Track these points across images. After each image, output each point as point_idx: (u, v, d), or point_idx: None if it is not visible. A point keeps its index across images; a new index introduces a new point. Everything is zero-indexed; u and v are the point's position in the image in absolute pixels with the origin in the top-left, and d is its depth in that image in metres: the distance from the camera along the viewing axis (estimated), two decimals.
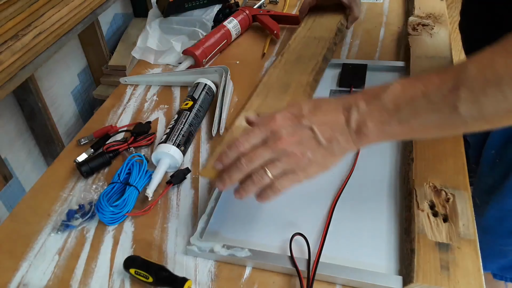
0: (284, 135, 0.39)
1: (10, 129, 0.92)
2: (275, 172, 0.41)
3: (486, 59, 0.33)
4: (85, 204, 0.57)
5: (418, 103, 0.35)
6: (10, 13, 0.76)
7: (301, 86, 0.61)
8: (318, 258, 0.46)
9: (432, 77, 0.35)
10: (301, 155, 0.39)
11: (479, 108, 0.33)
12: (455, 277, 0.42)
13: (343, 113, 0.39)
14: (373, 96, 0.37)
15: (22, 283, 0.50)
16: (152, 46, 0.88)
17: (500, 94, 0.32)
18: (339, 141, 0.39)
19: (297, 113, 0.40)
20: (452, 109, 0.34)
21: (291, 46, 0.73)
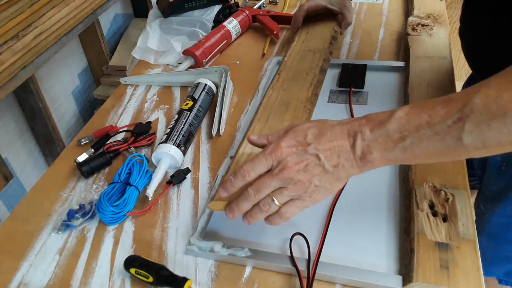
0: (290, 164, 0.40)
1: (11, 129, 0.92)
2: (282, 200, 0.41)
3: (492, 92, 0.33)
4: (86, 204, 0.58)
5: (423, 133, 0.35)
6: (11, 13, 0.76)
7: (301, 103, 0.61)
8: (318, 258, 0.46)
9: (437, 107, 0.35)
10: (308, 182, 0.40)
11: (482, 140, 0.34)
12: (454, 276, 0.42)
13: (348, 139, 0.39)
14: (378, 124, 0.38)
15: (23, 283, 0.50)
16: (152, 47, 0.88)
17: (504, 128, 0.33)
18: (345, 167, 0.39)
19: (302, 140, 0.40)
20: (456, 140, 0.34)
21: (287, 63, 0.73)
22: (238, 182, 0.42)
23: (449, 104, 0.35)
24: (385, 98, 0.70)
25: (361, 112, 0.67)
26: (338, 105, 0.70)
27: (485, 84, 0.34)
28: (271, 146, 0.41)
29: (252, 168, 0.41)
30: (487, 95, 0.33)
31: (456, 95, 0.36)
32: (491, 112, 0.33)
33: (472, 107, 0.33)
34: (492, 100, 0.33)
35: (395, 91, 0.71)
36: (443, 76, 0.67)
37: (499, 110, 0.32)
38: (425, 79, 0.67)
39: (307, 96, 0.63)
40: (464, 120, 0.34)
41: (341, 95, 0.72)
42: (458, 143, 0.34)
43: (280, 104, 0.63)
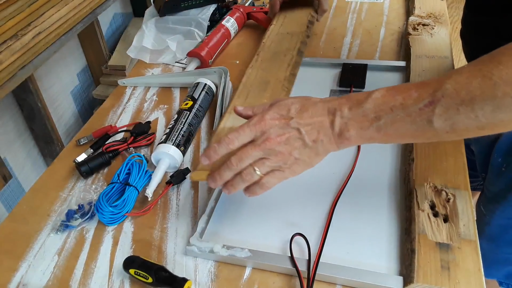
0: (273, 135, 0.42)
1: (10, 129, 0.92)
2: (263, 170, 0.43)
3: (463, 79, 0.35)
4: (85, 204, 0.57)
5: (396, 114, 0.38)
6: (10, 12, 0.76)
7: (279, 82, 0.63)
8: (318, 258, 0.46)
9: (411, 90, 0.38)
10: (288, 154, 0.42)
11: (451, 123, 0.36)
12: (455, 277, 0.42)
13: (328, 116, 0.41)
14: (356, 103, 0.40)
15: (22, 283, 0.50)
16: (147, 46, 0.88)
17: (471, 113, 0.35)
18: (324, 142, 0.42)
19: (285, 114, 0.42)
20: (426, 122, 0.37)
21: (266, 44, 0.74)
22: (221, 150, 0.43)
23: (422, 88, 0.37)
24: None
25: None
26: None
27: (457, 71, 0.36)
28: (255, 117, 0.43)
29: (237, 137, 0.42)
30: (458, 82, 0.35)
31: (430, 81, 0.38)
32: (460, 97, 0.35)
33: (443, 92, 0.36)
34: (462, 86, 0.35)
35: None
36: None
37: (468, 96, 0.35)
38: (426, 78, 0.66)
39: (285, 75, 0.64)
40: (435, 104, 0.36)
41: (342, 94, 0.71)
42: (428, 126, 0.37)
43: (260, 82, 0.64)
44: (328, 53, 0.82)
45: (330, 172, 0.58)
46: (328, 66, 0.77)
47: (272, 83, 0.63)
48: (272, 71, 0.66)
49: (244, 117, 0.47)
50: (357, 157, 0.59)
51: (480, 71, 0.35)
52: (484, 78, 0.34)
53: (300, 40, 0.73)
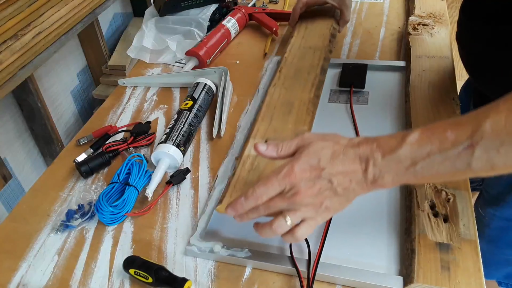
0: (303, 189, 0.40)
1: (10, 129, 0.91)
2: (294, 220, 0.41)
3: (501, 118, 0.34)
4: (85, 204, 0.57)
5: (433, 159, 0.36)
6: (10, 12, 0.76)
7: (304, 105, 0.61)
8: (318, 258, 0.46)
9: (447, 132, 0.36)
10: (319, 204, 0.41)
11: (491, 164, 0.35)
12: (455, 277, 0.42)
13: (361, 165, 0.40)
14: (389, 150, 0.38)
15: (22, 283, 0.50)
16: (147, 46, 0.88)
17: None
18: (355, 190, 0.40)
19: (316, 164, 0.40)
20: (466, 165, 0.36)
21: (288, 59, 0.72)
22: (249, 204, 0.42)
23: (459, 129, 0.36)
24: (385, 98, 0.69)
25: (362, 111, 0.67)
26: (339, 104, 0.70)
27: (494, 108, 0.35)
28: (284, 169, 0.41)
29: (265, 192, 0.41)
30: (497, 122, 0.34)
31: (466, 119, 0.36)
32: (501, 139, 0.34)
33: (482, 134, 0.34)
34: (502, 127, 0.34)
35: (396, 91, 0.70)
36: (444, 76, 0.66)
37: (508, 137, 0.33)
38: (426, 78, 0.66)
39: (309, 97, 0.63)
40: (474, 147, 0.35)
41: (342, 94, 0.71)
42: (467, 168, 0.36)
43: (283, 104, 0.63)
44: None
45: None
46: (328, 66, 0.77)
47: (297, 105, 0.61)
48: (295, 91, 0.64)
49: (267, 158, 0.45)
50: None
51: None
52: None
53: (323, 57, 0.71)
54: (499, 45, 0.51)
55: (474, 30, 0.55)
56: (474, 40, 0.56)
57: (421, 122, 0.59)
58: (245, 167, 0.53)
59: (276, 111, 0.61)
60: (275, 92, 0.65)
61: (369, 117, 0.66)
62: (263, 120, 0.60)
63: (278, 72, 0.70)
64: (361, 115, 0.66)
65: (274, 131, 0.58)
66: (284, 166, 0.41)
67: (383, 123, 0.65)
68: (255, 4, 0.99)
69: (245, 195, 0.42)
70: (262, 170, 0.52)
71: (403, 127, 0.63)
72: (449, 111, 0.60)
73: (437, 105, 0.61)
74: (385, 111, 0.67)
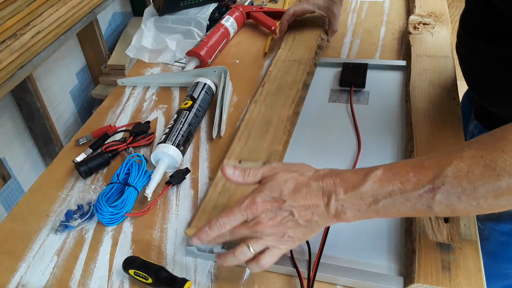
0: (264, 220, 0.41)
1: (9, 129, 0.91)
2: (257, 248, 0.42)
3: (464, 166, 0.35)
4: (84, 205, 0.57)
5: (395, 199, 0.37)
6: (9, 12, 0.75)
7: (282, 123, 0.62)
8: (318, 259, 0.46)
9: (409, 174, 0.37)
10: (281, 234, 0.41)
11: (452, 209, 0.36)
12: (456, 277, 0.42)
13: (323, 198, 0.40)
14: (352, 186, 0.39)
15: (21, 284, 0.50)
16: (146, 45, 0.87)
17: (473, 201, 0.35)
18: (318, 222, 0.41)
19: (278, 196, 0.41)
20: (426, 207, 0.36)
21: (272, 73, 0.72)
22: (213, 233, 0.43)
23: (422, 173, 0.36)
24: (386, 97, 0.69)
25: (362, 111, 0.67)
26: (339, 104, 0.69)
27: (458, 154, 0.36)
28: (246, 200, 0.41)
29: (228, 222, 0.42)
30: (459, 169, 0.35)
31: (429, 162, 0.37)
32: (462, 186, 0.34)
33: (443, 179, 0.35)
34: (463, 175, 0.34)
35: (396, 90, 0.70)
36: (445, 75, 0.66)
37: (469, 185, 0.34)
38: (426, 78, 0.66)
39: (288, 115, 0.63)
40: (435, 191, 0.35)
41: (342, 94, 0.71)
42: (428, 210, 0.36)
43: (261, 122, 0.63)
44: (329, 52, 0.82)
45: None
46: (328, 66, 0.77)
47: (274, 123, 0.62)
48: (275, 108, 0.65)
49: (233, 182, 0.45)
50: (357, 157, 0.59)
51: (483, 159, 0.34)
52: (487, 168, 0.33)
53: (306, 71, 0.71)
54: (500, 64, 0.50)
55: (474, 46, 0.54)
56: (473, 56, 0.55)
57: (421, 122, 0.59)
58: (216, 189, 0.54)
59: (253, 130, 0.62)
60: (255, 109, 0.66)
61: (370, 117, 0.66)
62: (239, 140, 0.61)
63: (261, 87, 0.70)
64: (362, 115, 0.66)
65: (249, 151, 0.58)
66: (247, 197, 0.42)
67: (383, 123, 0.65)
68: (252, 3, 0.99)
69: (209, 225, 0.42)
70: (233, 193, 0.53)
71: (404, 126, 0.63)
72: (450, 110, 0.60)
73: (437, 104, 0.61)
74: (385, 111, 0.67)
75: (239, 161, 0.57)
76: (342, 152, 0.60)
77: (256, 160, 0.57)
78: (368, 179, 0.38)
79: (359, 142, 0.61)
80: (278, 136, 0.60)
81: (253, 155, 0.58)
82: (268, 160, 0.56)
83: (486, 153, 0.34)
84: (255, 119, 0.64)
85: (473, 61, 0.55)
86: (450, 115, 0.59)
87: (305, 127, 0.66)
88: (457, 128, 0.57)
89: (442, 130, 0.57)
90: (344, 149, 0.61)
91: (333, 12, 0.78)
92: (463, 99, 0.72)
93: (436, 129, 0.57)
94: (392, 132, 0.63)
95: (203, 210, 0.52)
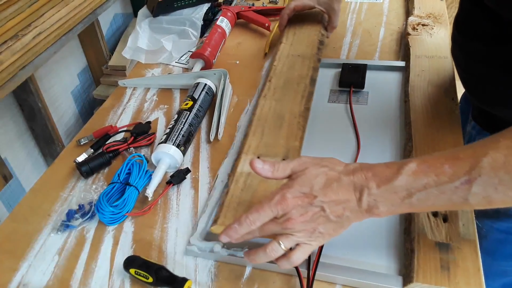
0: (295, 216, 0.40)
1: (10, 129, 0.92)
2: (288, 245, 0.41)
3: (500, 156, 0.34)
4: (85, 204, 0.57)
5: (430, 192, 0.36)
6: (10, 13, 0.76)
7: (295, 118, 0.61)
8: (318, 258, 0.46)
9: (444, 165, 0.36)
10: (312, 230, 0.41)
11: (488, 200, 0.35)
12: (455, 277, 0.42)
13: (355, 193, 0.39)
14: (385, 180, 0.38)
15: (22, 283, 0.50)
16: (142, 46, 0.88)
17: (510, 191, 0.34)
18: (349, 217, 0.40)
19: (308, 191, 0.40)
20: (462, 200, 0.36)
21: (277, 68, 0.72)
22: (242, 230, 0.42)
23: (457, 164, 0.36)
24: (385, 98, 0.69)
25: (362, 111, 0.67)
26: (339, 105, 0.70)
27: (493, 145, 0.35)
28: (277, 196, 0.41)
29: (258, 218, 0.41)
30: (495, 160, 0.34)
31: (464, 154, 0.36)
32: (499, 177, 0.34)
33: (480, 170, 0.34)
34: (500, 165, 0.34)
35: (396, 91, 0.71)
36: (443, 76, 0.67)
37: (506, 176, 0.33)
38: (425, 78, 0.67)
39: (299, 110, 0.63)
40: (471, 183, 0.35)
41: (341, 95, 0.71)
42: (464, 202, 0.36)
43: (274, 116, 0.63)
44: (328, 53, 0.82)
45: None
46: (327, 66, 0.78)
47: (287, 118, 0.61)
48: (285, 103, 0.65)
49: (262, 176, 0.44)
50: (356, 157, 0.59)
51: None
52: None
53: (312, 66, 0.71)
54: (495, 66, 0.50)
55: (469, 49, 0.54)
56: (469, 60, 0.55)
57: (420, 122, 0.59)
58: (238, 185, 0.53)
59: (267, 125, 0.61)
60: (265, 104, 0.65)
61: (369, 117, 0.66)
62: (254, 135, 0.60)
63: (268, 81, 0.70)
64: (361, 115, 0.66)
65: (266, 146, 0.58)
66: (277, 193, 0.41)
67: (382, 123, 0.65)
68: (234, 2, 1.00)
69: (239, 221, 0.42)
70: (255, 189, 0.52)
71: (403, 126, 0.63)
72: (448, 111, 0.60)
73: (436, 105, 0.62)
74: (384, 111, 0.67)
75: (257, 156, 0.57)
76: (342, 152, 0.61)
77: (274, 156, 0.56)
78: (402, 172, 0.37)
79: (358, 142, 0.62)
80: (293, 131, 0.60)
81: (270, 151, 0.57)
82: (287, 156, 0.56)
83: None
84: (267, 114, 0.63)
85: (469, 63, 0.55)
86: (448, 115, 0.59)
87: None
88: (455, 128, 0.57)
89: (441, 130, 0.57)
90: (344, 149, 0.61)
91: (333, 8, 0.79)
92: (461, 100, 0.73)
93: (435, 129, 0.58)
94: (391, 132, 0.63)
95: (227, 206, 0.51)
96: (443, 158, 0.37)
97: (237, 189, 0.53)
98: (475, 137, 0.61)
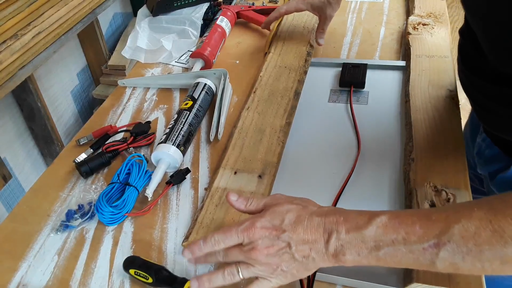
0: (260, 247, 0.40)
1: (9, 129, 0.92)
2: (246, 275, 0.41)
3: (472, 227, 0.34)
4: (85, 204, 0.57)
5: (398, 249, 0.36)
6: (10, 12, 0.76)
7: (275, 133, 0.61)
8: None
9: (415, 225, 0.36)
10: (275, 266, 0.40)
11: (455, 267, 0.35)
12: (455, 277, 0.42)
13: (323, 235, 0.39)
14: (356, 227, 0.38)
15: (22, 284, 0.50)
16: (141, 46, 0.88)
17: (478, 263, 0.34)
18: (315, 259, 0.39)
19: (278, 225, 0.40)
20: (429, 262, 0.35)
21: (263, 79, 0.72)
22: (206, 248, 0.42)
23: (428, 226, 0.36)
24: (385, 98, 0.69)
25: (362, 111, 0.67)
26: (339, 104, 0.70)
27: (467, 213, 0.35)
28: (246, 223, 0.41)
29: (223, 240, 0.41)
30: (467, 229, 0.34)
31: (437, 216, 0.36)
32: (468, 247, 0.34)
33: (450, 237, 0.34)
34: (470, 235, 0.34)
35: (396, 90, 0.70)
36: (444, 75, 0.66)
37: (476, 248, 0.33)
38: (426, 78, 0.66)
39: (281, 125, 0.63)
40: (440, 247, 0.35)
41: (342, 94, 0.71)
42: (431, 264, 0.35)
43: (255, 130, 0.63)
44: (328, 52, 0.82)
45: (330, 172, 0.58)
46: (328, 66, 0.77)
47: (268, 133, 0.62)
48: (268, 116, 0.64)
49: (235, 209, 0.45)
50: (357, 157, 0.59)
51: (491, 224, 0.33)
52: (495, 234, 0.33)
53: (297, 79, 0.71)
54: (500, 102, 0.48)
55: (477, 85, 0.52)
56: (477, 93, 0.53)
57: (421, 122, 0.59)
58: (213, 201, 0.53)
59: (247, 138, 0.61)
60: (247, 117, 0.65)
61: (369, 117, 0.66)
62: (233, 149, 0.60)
63: (253, 93, 0.70)
64: (361, 115, 0.66)
65: (244, 161, 0.58)
66: (247, 220, 0.41)
67: (383, 123, 0.65)
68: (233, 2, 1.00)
69: (204, 239, 0.42)
70: (230, 207, 0.52)
71: (403, 126, 0.63)
72: (449, 110, 0.60)
73: (437, 104, 0.62)
74: (385, 111, 0.67)
75: (234, 172, 0.57)
76: (342, 152, 0.61)
77: (251, 172, 0.56)
78: (373, 223, 0.37)
79: (358, 142, 0.62)
80: (272, 147, 0.60)
81: (248, 166, 0.57)
82: (263, 173, 0.56)
83: (495, 218, 0.33)
84: (248, 127, 0.63)
85: (474, 93, 0.53)
86: (449, 115, 0.59)
87: (305, 127, 0.66)
88: (456, 128, 0.57)
89: (441, 130, 0.57)
90: (344, 149, 0.61)
91: (325, 13, 0.77)
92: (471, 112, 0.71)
93: (435, 129, 0.57)
94: (392, 132, 0.63)
95: (200, 223, 0.51)
96: (415, 217, 0.37)
97: (211, 205, 0.53)
98: (484, 150, 0.60)
